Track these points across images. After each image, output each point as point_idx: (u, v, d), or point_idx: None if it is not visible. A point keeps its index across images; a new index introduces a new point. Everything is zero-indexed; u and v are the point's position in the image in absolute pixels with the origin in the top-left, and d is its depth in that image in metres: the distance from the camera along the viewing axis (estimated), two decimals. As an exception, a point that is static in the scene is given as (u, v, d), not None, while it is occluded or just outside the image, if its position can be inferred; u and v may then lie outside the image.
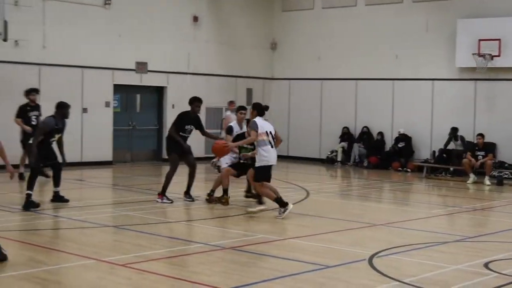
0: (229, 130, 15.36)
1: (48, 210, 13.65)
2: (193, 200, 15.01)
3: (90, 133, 22.62)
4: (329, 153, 26.44)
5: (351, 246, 10.73)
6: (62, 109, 14.38)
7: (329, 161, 26.22)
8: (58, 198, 14.45)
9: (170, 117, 25.18)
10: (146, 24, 24.43)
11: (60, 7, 22.19)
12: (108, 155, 23.26)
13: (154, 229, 11.93)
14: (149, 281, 8.35)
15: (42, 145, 14.00)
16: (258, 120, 13.44)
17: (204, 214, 13.89)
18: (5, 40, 19.18)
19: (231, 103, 22.45)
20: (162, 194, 14.81)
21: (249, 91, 27.81)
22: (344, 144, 26.09)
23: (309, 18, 27.50)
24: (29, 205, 13.55)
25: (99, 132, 22.81)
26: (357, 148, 25.68)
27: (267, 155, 13.23)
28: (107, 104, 23.48)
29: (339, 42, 26.61)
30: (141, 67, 24.48)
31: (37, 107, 18.46)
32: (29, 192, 13.66)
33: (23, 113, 18.17)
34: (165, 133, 25.06)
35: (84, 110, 22.55)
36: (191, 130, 15.21)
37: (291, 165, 25.62)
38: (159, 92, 25.43)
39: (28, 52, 21.52)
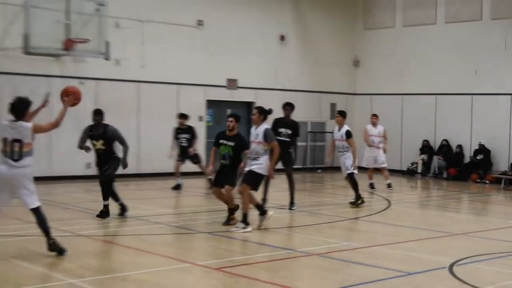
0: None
1: (148, 216, 13.94)
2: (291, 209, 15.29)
3: (184, 145, 23.00)
4: (410, 165, 26.20)
5: (431, 254, 10.64)
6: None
7: (409, 173, 25.99)
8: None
9: (258, 130, 25.45)
10: (236, 43, 24.77)
11: (157, 28, 22.69)
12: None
13: (245, 236, 12.06)
14: (241, 285, 8.49)
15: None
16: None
17: (292, 223, 13.99)
18: (107, 59, 19.77)
19: (373, 116, 20.74)
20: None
21: (333, 106, 27.79)
22: (424, 156, 25.82)
23: (390, 36, 27.37)
24: (103, 214, 13.28)
25: (192, 144, 23.21)
26: (436, 160, 25.41)
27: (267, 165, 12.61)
28: (201, 118, 23.87)
29: (419, 58, 26.39)
30: (231, 83, 24.80)
31: (186, 130, 19.00)
32: (104, 203, 13.36)
33: (175, 135, 18.86)
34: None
35: (179, 124, 22.96)
36: (286, 134, 15.06)
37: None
38: (248, 106, 25.66)
39: (128, 70, 22.07)
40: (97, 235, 11.85)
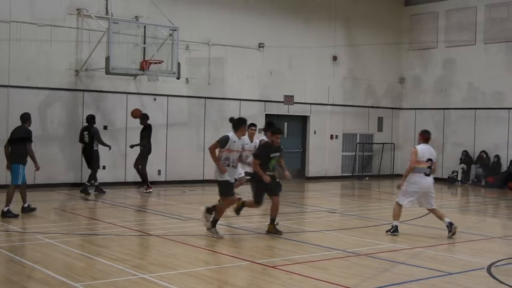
0: None
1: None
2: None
3: (245, 155, 22.91)
4: (450, 173, 25.67)
5: (470, 256, 10.33)
6: None
7: (450, 180, 25.46)
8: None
9: (312, 142, 25.33)
10: (292, 63, 24.69)
11: (222, 50, 22.77)
12: (260, 173, 23.46)
13: (299, 237, 11.94)
14: (295, 281, 8.33)
15: None
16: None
17: (342, 225, 13.77)
18: (178, 78, 19.84)
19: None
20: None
21: (380, 119, 27.49)
22: (464, 165, 25.29)
23: (433, 55, 26.95)
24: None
25: (253, 153, 23.10)
26: (475, 169, 24.83)
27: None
28: (260, 131, 23.74)
29: (460, 76, 25.94)
30: (288, 99, 24.68)
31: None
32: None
33: None
34: (309, 154, 25.19)
35: (241, 135, 22.89)
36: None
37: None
38: (303, 120, 25.53)
39: (197, 88, 22.18)
40: (166, 235, 11.81)
